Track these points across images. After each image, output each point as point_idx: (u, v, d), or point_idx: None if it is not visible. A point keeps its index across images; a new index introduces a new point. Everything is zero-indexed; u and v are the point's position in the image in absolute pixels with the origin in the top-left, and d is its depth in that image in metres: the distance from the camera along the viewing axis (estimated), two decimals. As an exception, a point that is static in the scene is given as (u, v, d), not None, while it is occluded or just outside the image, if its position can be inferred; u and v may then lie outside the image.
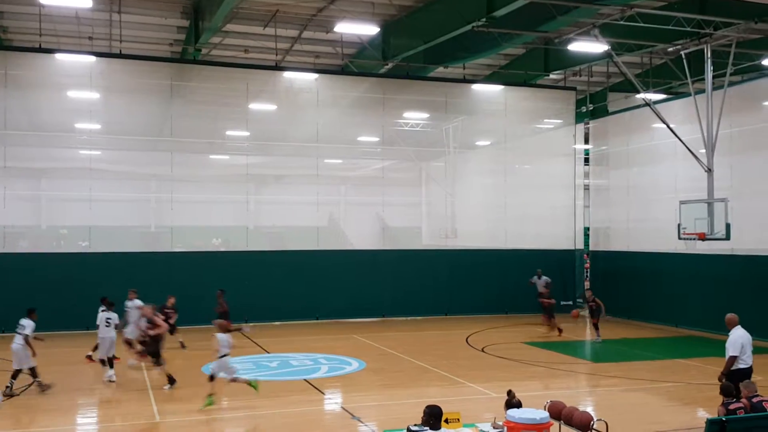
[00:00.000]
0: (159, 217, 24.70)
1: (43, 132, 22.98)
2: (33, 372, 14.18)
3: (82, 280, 21.58)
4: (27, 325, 14.02)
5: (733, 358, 10.74)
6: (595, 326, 21.17)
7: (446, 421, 8.42)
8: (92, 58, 22.50)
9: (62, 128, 23.35)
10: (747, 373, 10.70)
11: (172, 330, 19.05)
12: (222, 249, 25.24)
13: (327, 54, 26.08)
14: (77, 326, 21.39)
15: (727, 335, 11.09)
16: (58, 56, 22.13)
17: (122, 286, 21.74)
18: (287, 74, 24.75)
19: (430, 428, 7.98)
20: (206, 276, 23.13)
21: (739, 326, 11.05)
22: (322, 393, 14.29)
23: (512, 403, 8.98)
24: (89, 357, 17.32)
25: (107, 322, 15.69)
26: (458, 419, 8.98)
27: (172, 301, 19.26)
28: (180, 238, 24.06)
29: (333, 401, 13.95)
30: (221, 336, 13.12)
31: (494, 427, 9.04)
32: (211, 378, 13.10)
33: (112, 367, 15.34)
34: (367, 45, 24.02)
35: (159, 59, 24.81)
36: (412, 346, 19.48)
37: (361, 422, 12.13)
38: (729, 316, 11.22)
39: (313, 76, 25.01)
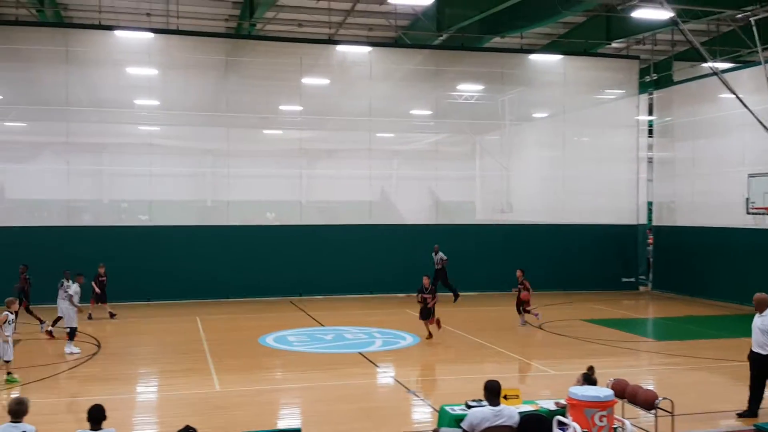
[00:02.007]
0: (215, 192, 24.99)
1: (103, 108, 23.37)
2: (72, 333, 14.96)
3: (142, 252, 22.05)
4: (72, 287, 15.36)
5: None
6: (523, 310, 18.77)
7: (505, 397, 8.20)
8: (150, 35, 22.72)
9: (122, 104, 23.73)
10: None
11: (104, 299, 19.50)
12: (275, 223, 25.37)
13: (380, 26, 25.74)
14: (137, 297, 21.96)
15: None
16: (117, 33, 22.41)
17: (181, 259, 22.33)
18: (340, 48, 24.54)
19: (489, 404, 7.82)
20: (260, 249, 23.41)
21: None
22: (377, 366, 14.23)
23: (591, 379, 8.68)
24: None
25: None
26: (517, 395, 8.74)
27: (102, 269, 19.62)
28: (235, 212, 24.32)
29: (387, 375, 13.88)
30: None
31: (557, 405, 8.76)
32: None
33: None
34: (420, 16, 23.58)
35: (214, 35, 24.94)
36: (466, 322, 19.24)
37: (417, 396, 12.03)
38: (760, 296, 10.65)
39: (366, 49, 24.73)
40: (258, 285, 23.35)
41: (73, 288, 15.42)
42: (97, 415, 7.00)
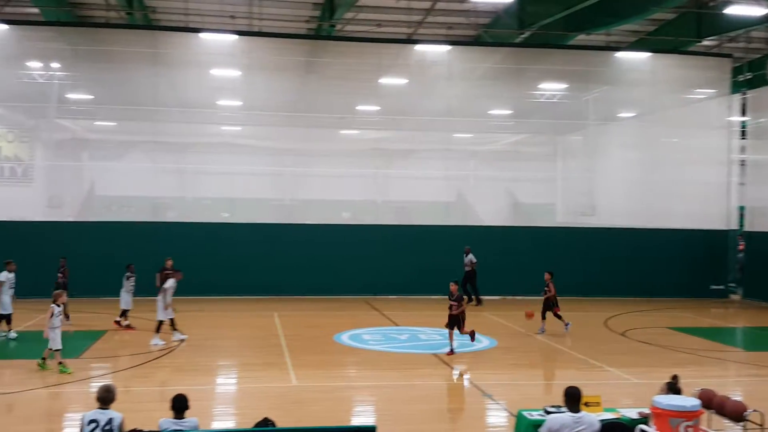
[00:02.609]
0: (293, 191, 25.35)
1: (187, 108, 24.10)
2: (159, 325, 15.43)
3: (223, 248, 22.58)
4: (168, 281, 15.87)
5: None
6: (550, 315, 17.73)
7: (586, 404, 7.92)
8: (234, 37, 23.29)
9: (206, 105, 24.41)
10: None
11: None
12: (351, 222, 25.48)
13: (460, 25, 25.50)
14: (217, 292, 22.49)
15: None
16: (203, 35, 23.05)
17: (260, 255, 22.72)
18: (419, 47, 24.45)
19: (569, 410, 7.55)
20: (336, 248, 23.55)
21: None
22: (452, 368, 14.04)
23: (675, 388, 8.28)
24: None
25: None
26: (598, 403, 8.46)
27: (170, 263, 19.69)
28: (312, 211, 24.59)
29: (463, 377, 13.65)
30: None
31: (639, 415, 8.38)
32: None
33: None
34: (502, 14, 23.23)
35: (295, 36, 25.27)
36: (546, 327, 18.73)
37: (493, 400, 11.78)
38: None
39: (446, 48, 24.54)
40: (333, 283, 23.51)
41: (170, 282, 15.83)
42: (180, 404, 7.19)
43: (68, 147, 24.05)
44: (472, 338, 15.35)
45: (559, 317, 17.69)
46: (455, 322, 14.96)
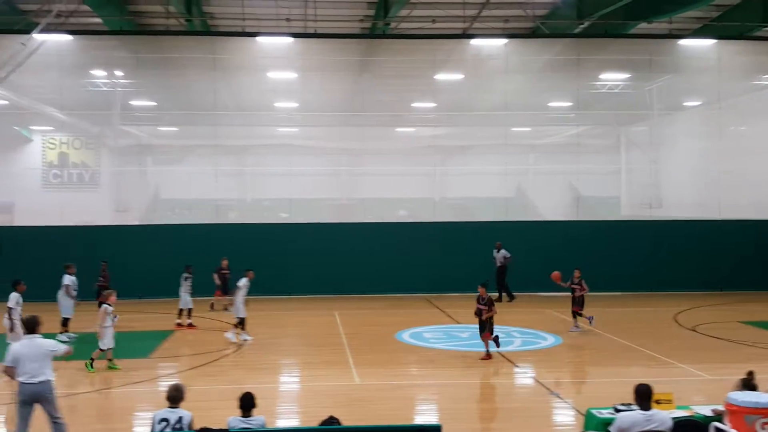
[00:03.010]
0: (350, 190, 25.47)
1: (246, 111, 24.51)
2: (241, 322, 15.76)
3: (283, 248, 22.81)
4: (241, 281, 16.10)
5: None
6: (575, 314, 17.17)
7: (657, 401, 7.72)
8: (290, 39, 23.50)
9: (263, 107, 24.77)
10: None
11: (226, 291, 19.63)
12: (408, 220, 25.40)
13: (516, 17, 25.08)
14: (279, 291, 22.74)
15: None
16: (260, 39, 23.35)
17: (319, 255, 22.86)
18: (475, 42, 24.15)
19: (640, 408, 7.38)
20: (394, 246, 23.54)
21: None
22: (516, 366, 13.80)
23: (750, 385, 7.93)
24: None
25: None
26: (670, 400, 8.19)
27: (225, 262, 19.93)
28: (369, 210, 24.63)
29: (527, 375, 13.42)
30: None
31: (713, 412, 8.04)
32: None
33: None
34: (560, 4, 22.75)
35: (350, 36, 25.31)
36: (612, 323, 18.27)
37: (560, 398, 11.52)
38: None
39: (502, 41, 24.18)
40: (392, 281, 23.49)
41: (243, 281, 16.05)
42: (247, 402, 7.25)
43: (132, 152, 24.75)
44: (497, 344, 14.22)
45: (579, 315, 17.06)
46: (484, 326, 14.08)
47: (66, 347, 8.92)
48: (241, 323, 15.91)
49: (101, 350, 13.12)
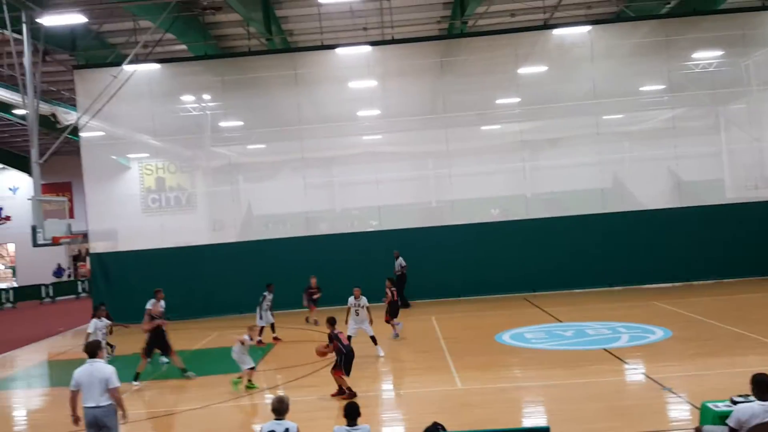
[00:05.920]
0: (438, 192, 25.23)
1: (330, 123, 24.74)
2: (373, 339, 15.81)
3: (374, 256, 22.77)
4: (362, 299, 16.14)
5: None
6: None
7: (776, 391, 7.11)
8: (368, 48, 23.60)
9: (346, 117, 24.91)
10: None
11: (315, 305, 19.68)
12: (500, 219, 24.89)
13: (599, 2, 24.23)
14: (373, 299, 22.66)
15: None
16: (339, 51, 23.56)
17: (411, 260, 22.66)
18: (557, 31, 23.47)
19: (758, 399, 7.03)
20: (488, 246, 23.14)
21: None
22: (625, 363, 13.19)
23: None
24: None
25: None
26: (790, 389, 7.51)
27: (314, 281, 19.80)
28: (459, 211, 24.30)
29: (638, 371, 12.78)
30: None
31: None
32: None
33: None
34: (643, -16, 21.76)
35: (428, 39, 25.15)
36: (724, 312, 17.23)
37: (673, 393, 10.92)
38: None
39: (586, 28, 23.38)
40: (488, 282, 23.09)
41: (363, 301, 15.97)
42: (352, 412, 7.28)
43: (224, 172, 25.48)
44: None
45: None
46: None
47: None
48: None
49: (251, 369, 13.37)
